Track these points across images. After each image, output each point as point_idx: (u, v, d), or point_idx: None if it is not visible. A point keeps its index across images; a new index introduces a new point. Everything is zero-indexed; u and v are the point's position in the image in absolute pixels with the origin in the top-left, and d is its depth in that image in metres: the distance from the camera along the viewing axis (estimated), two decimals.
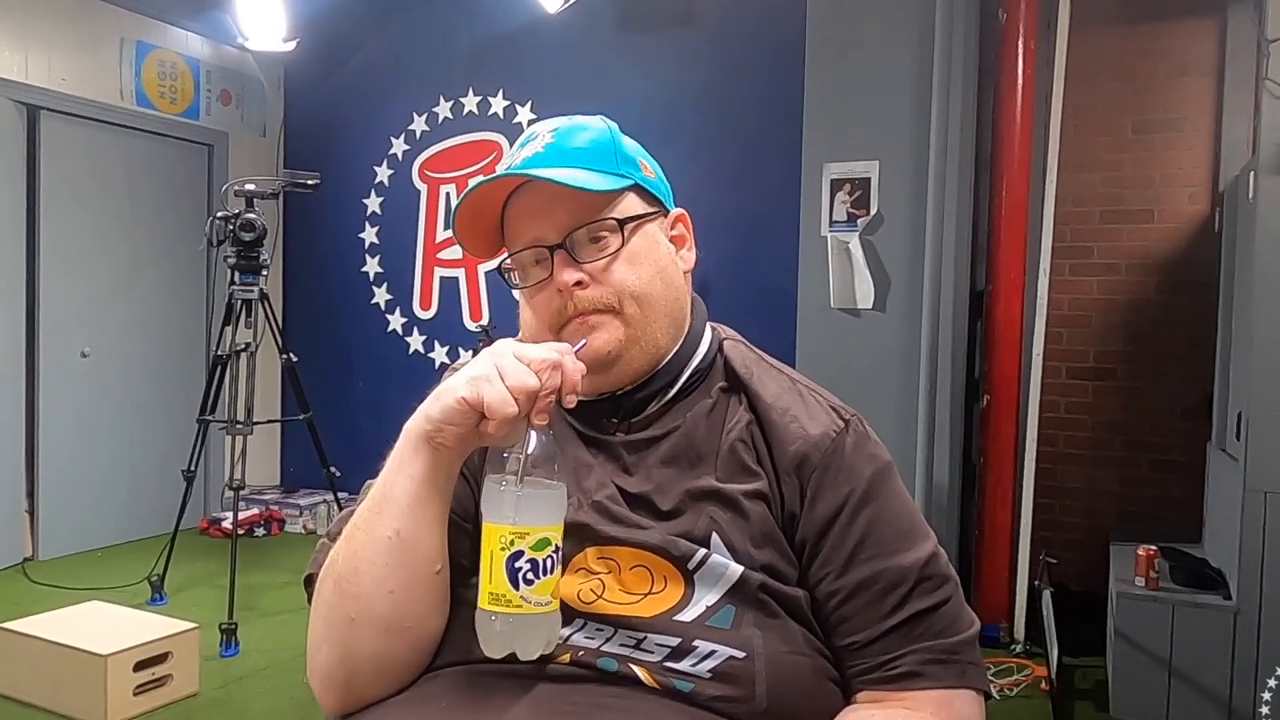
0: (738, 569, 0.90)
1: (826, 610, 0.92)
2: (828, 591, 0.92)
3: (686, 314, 1.02)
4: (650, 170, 1.03)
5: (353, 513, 0.95)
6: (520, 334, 1.02)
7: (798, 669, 0.89)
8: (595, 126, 1.00)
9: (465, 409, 0.82)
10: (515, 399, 0.81)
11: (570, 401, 0.85)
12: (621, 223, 0.96)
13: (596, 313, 0.94)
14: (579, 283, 0.94)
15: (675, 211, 1.04)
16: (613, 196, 0.96)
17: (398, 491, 0.86)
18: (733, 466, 0.95)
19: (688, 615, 0.88)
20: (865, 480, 0.94)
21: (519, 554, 0.80)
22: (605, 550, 0.91)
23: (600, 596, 0.89)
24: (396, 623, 0.86)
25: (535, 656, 0.84)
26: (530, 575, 0.81)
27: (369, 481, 1.00)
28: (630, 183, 0.98)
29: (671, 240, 1.02)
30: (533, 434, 0.83)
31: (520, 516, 0.81)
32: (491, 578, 0.81)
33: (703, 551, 0.90)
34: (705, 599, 0.89)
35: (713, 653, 0.86)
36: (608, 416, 0.99)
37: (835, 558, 0.92)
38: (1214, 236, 3.53)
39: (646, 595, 0.89)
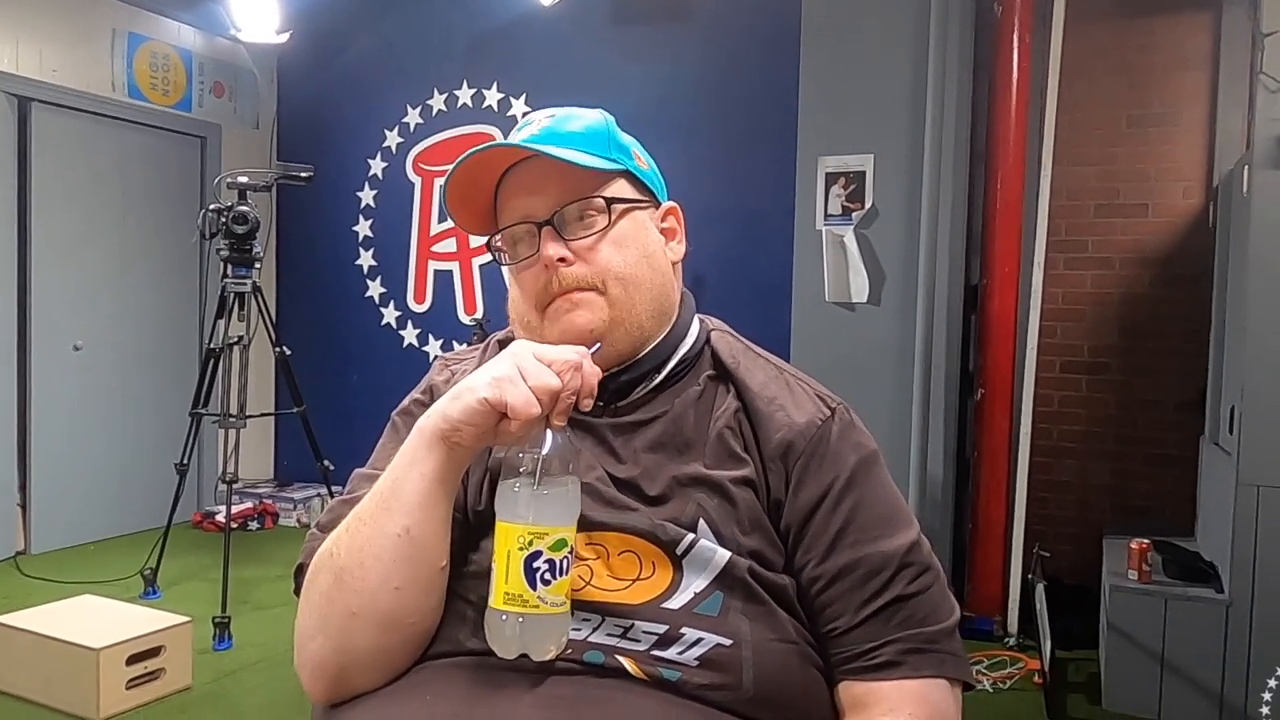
0: (725, 554, 0.90)
1: (809, 596, 0.92)
2: (810, 577, 0.92)
3: (674, 303, 1.02)
4: (644, 162, 1.04)
5: (345, 503, 0.94)
6: (509, 313, 1.03)
7: (785, 656, 0.89)
8: (591, 115, 1.02)
9: (487, 409, 0.82)
10: (538, 399, 0.82)
11: (587, 405, 0.86)
12: (609, 202, 0.97)
13: (580, 290, 0.95)
14: (563, 259, 0.94)
15: (666, 204, 1.05)
16: (604, 178, 0.98)
17: (409, 488, 0.86)
18: (720, 453, 0.95)
19: (675, 603, 0.88)
20: (849, 468, 0.94)
21: (537, 554, 0.80)
22: (594, 536, 0.90)
23: (588, 583, 0.89)
24: (400, 618, 0.86)
25: (547, 657, 0.83)
26: (548, 575, 0.81)
27: (358, 470, 1.01)
28: (622, 168, 1.00)
29: (662, 232, 1.03)
30: (549, 434, 0.83)
31: (538, 517, 0.81)
32: (508, 577, 0.81)
33: (690, 536, 0.90)
34: (693, 585, 0.89)
35: (700, 640, 0.87)
36: (596, 398, 0.99)
37: (818, 544, 0.92)
38: (1208, 230, 3.53)
39: (635, 581, 0.89)
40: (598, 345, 0.92)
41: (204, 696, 2.94)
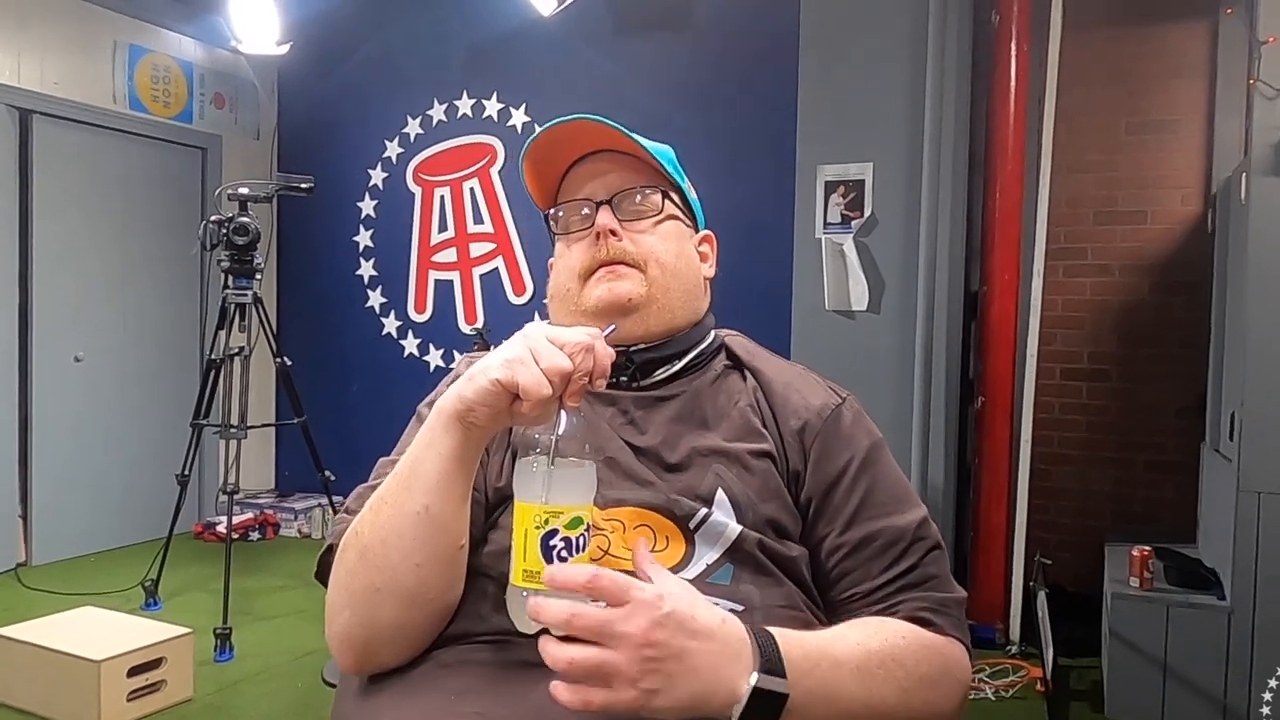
0: (736, 528, 0.95)
1: (827, 567, 0.98)
2: (831, 547, 0.98)
3: (701, 306, 1.12)
4: (693, 192, 1.16)
5: (371, 488, 0.97)
6: (548, 289, 1.12)
7: (793, 623, 0.91)
8: (659, 142, 1.13)
9: (499, 390, 0.84)
10: (550, 380, 0.83)
11: (600, 385, 0.87)
12: (664, 194, 1.09)
13: (624, 264, 1.04)
14: (614, 231, 1.05)
15: (704, 231, 1.17)
16: (663, 181, 1.10)
17: (428, 468, 0.88)
18: (740, 429, 1.02)
19: (689, 573, 0.93)
20: (864, 449, 1.02)
21: (553, 532, 0.82)
22: (610, 510, 0.95)
23: (606, 552, 0.92)
24: (420, 594, 0.88)
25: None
26: (564, 553, 0.83)
27: (382, 459, 1.04)
28: (677, 184, 1.12)
29: (697, 253, 1.14)
30: (563, 414, 0.85)
31: (553, 496, 0.83)
32: (526, 555, 0.83)
33: (704, 511, 0.95)
34: (706, 557, 0.94)
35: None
36: (620, 371, 1.04)
37: (838, 516, 0.99)
38: (1207, 237, 3.54)
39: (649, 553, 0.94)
40: (612, 327, 0.94)
41: (205, 708, 2.94)
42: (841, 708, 0.84)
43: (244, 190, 3.73)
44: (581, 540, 0.84)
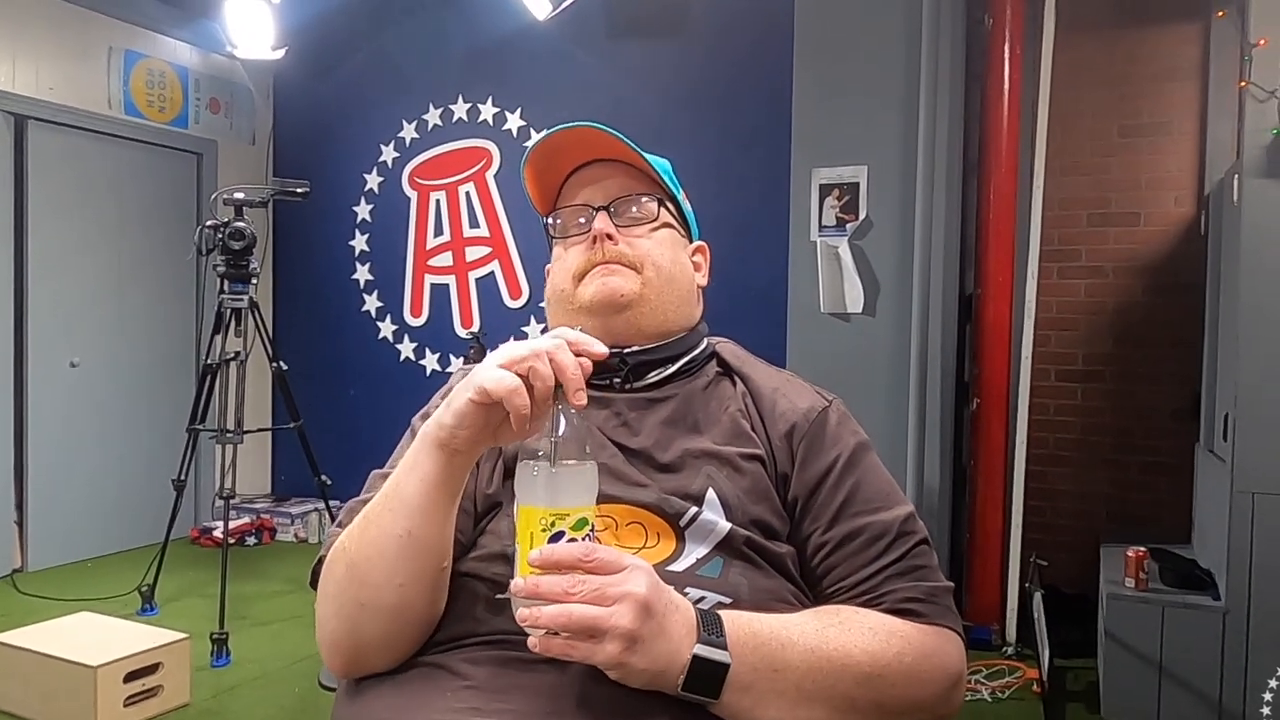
0: (726, 525, 0.97)
1: (814, 563, 1.00)
2: (817, 544, 1.00)
3: (695, 313, 1.14)
4: (688, 204, 1.19)
5: (362, 503, 0.99)
6: (546, 293, 1.15)
7: (781, 612, 0.93)
8: (655, 146, 1.16)
9: (473, 408, 0.85)
10: (520, 372, 0.82)
11: (601, 351, 0.86)
12: (661, 203, 1.11)
13: (619, 264, 1.06)
14: (610, 235, 1.07)
15: (698, 242, 1.20)
16: (660, 190, 1.12)
17: (410, 492, 0.90)
18: (730, 433, 1.04)
19: (679, 567, 0.95)
20: (850, 449, 1.04)
21: (560, 534, 0.83)
22: (604, 508, 0.95)
23: None
24: (403, 611, 0.91)
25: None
26: None
27: (375, 471, 1.06)
28: (673, 194, 1.14)
29: (691, 263, 1.17)
30: (562, 417, 0.85)
31: (558, 499, 0.83)
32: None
33: (694, 509, 0.97)
34: (695, 552, 0.96)
35: (702, 599, 0.92)
36: (614, 372, 1.07)
37: (824, 513, 1.00)
38: (1200, 239, 3.55)
39: (641, 549, 0.96)
40: (579, 330, 0.94)
41: (202, 713, 2.94)
42: (790, 686, 0.85)
43: (239, 195, 3.73)
44: (588, 540, 0.84)
